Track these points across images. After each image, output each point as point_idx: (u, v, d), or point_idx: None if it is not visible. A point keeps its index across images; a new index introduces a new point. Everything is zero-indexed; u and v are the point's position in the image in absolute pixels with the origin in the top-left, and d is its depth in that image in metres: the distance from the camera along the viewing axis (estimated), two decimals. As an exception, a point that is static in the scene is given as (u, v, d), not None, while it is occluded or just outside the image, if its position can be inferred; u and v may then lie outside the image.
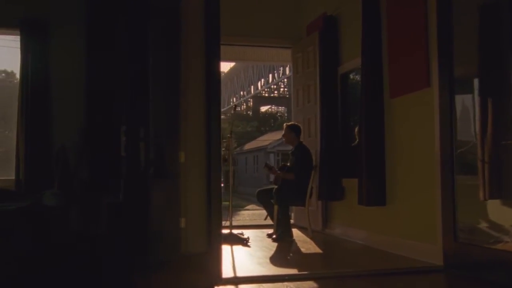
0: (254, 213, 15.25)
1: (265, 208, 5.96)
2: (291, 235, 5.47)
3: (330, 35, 5.78)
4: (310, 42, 6.28)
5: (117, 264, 2.76)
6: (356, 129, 5.30)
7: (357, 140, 5.17)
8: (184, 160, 3.42)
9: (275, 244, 5.18)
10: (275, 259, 4.41)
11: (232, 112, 6.66)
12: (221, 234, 3.43)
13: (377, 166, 4.64)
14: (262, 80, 59.14)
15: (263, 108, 53.22)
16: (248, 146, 38.22)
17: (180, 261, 3.20)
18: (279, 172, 5.79)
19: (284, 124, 5.90)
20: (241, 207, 19.76)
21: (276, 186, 5.64)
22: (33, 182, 5.02)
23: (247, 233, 5.65)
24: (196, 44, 3.41)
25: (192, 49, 3.42)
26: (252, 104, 55.49)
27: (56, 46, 5.11)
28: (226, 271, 3.69)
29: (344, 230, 5.55)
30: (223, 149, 5.54)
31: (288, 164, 5.89)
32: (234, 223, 5.47)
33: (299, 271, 3.94)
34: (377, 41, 4.73)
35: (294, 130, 5.74)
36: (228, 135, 5.51)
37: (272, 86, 52.49)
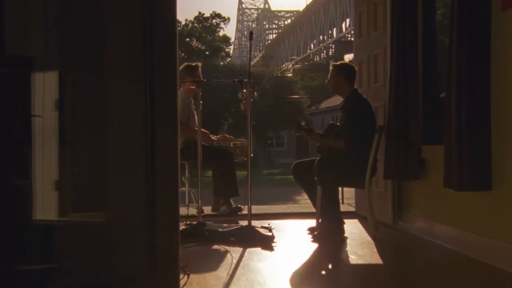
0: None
1: (306, 189, 5.01)
2: (341, 231, 4.57)
3: None
4: None
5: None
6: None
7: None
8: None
9: (315, 246, 4.39)
10: (302, 275, 3.57)
11: (249, 40, 5.46)
12: (177, 244, 2.41)
13: (477, 127, 3.80)
14: (348, 20, 57.11)
15: (348, 56, 51.79)
16: (325, 104, 37.70)
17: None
18: (320, 137, 4.76)
19: (331, 64, 4.92)
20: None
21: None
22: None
23: (281, 224, 5.02)
24: None
25: None
26: (334, 51, 54.22)
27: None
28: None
29: (425, 225, 4.64)
30: (244, 101, 4.58)
31: (338, 123, 4.88)
32: (295, 207, 4.55)
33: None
34: None
35: (343, 71, 4.71)
36: (246, 80, 4.46)
37: (360, 28, 50.93)
